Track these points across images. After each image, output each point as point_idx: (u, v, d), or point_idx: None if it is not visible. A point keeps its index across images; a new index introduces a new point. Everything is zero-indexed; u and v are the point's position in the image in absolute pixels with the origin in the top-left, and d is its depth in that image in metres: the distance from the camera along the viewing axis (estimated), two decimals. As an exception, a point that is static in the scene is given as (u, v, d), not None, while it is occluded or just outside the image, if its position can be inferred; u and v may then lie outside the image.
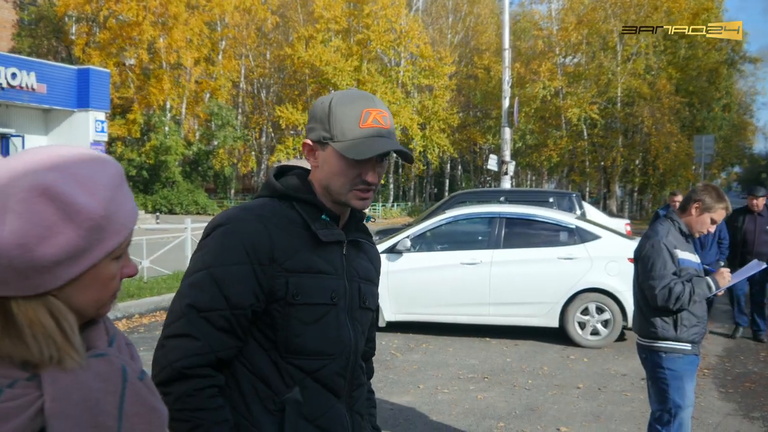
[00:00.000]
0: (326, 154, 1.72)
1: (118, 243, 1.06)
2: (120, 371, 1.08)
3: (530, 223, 8.97)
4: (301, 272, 1.68)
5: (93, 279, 1.06)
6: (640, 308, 4.05)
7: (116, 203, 1.05)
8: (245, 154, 44.82)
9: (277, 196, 1.78)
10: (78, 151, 1.06)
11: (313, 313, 1.70)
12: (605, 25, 37.78)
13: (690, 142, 36.11)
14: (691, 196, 4.00)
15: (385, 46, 40.37)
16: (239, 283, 1.63)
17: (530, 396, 6.52)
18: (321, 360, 1.71)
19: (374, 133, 1.69)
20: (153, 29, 34.58)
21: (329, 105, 1.72)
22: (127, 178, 13.74)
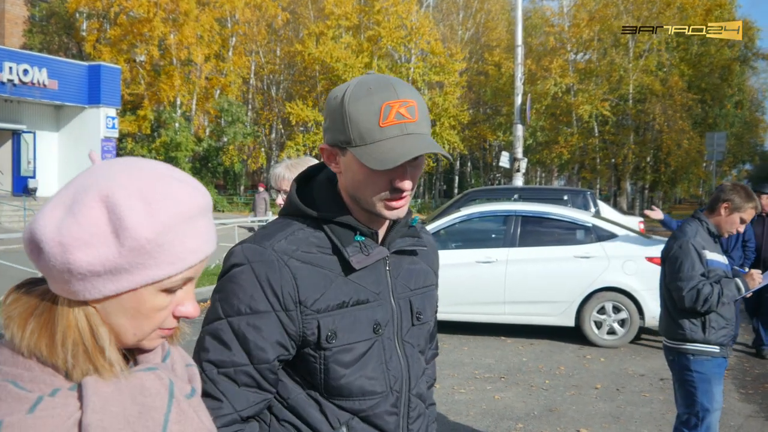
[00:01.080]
0: (347, 160, 1.46)
1: (167, 275, 0.98)
2: (167, 387, 1.03)
3: (546, 221, 8.89)
4: (335, 309, 1.48)
5: (132, 304, 0.99)
6: (668, 310, 3.98)
7: (176, 234, 0.97)
8: (255, 150, 44.83)
9: (301, 216, 1.55)
10: (168, 171, 1.02)
11: (353, 353, 1.50)
12: (617, 21, 37.55)
13: (702, 139, 35.91)
14: (719, 195, 3.91)
15: (396, 42, 40.26)
16: (262, 336, 1.44)
17: (548, 396, 6.45)
18: (368, 400, 1.52)
19: (399, 131, 1.40)
20: (164, 26, 34.59)
21: (341, 101, 1.44)
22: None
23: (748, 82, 53.73)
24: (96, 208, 0.94)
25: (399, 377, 1.58)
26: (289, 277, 1.44)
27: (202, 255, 1.02)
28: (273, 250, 1.46)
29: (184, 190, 1.00)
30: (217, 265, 13.39)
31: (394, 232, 1.59)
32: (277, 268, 1.44)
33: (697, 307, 3.75)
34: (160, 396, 1.02)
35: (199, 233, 1.01)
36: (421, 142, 1.41)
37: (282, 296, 1.43)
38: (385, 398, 1.55)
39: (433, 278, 1.74)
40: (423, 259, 1.71)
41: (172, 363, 1.12)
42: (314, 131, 40.01)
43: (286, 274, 1.44)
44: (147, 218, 0.95)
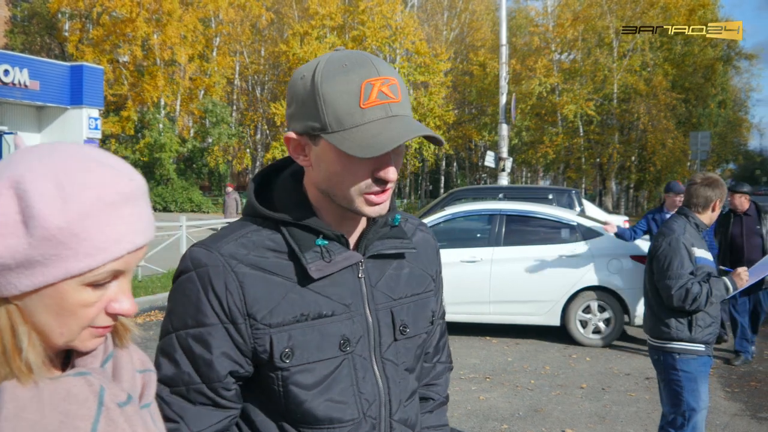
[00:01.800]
0: (320, 150, 1.26)
1: (87, 267, 0.88)
2: (97, 394, 0.93)
3: (531, 220, 8.84)
4: (291, 323, 1.28)
5: (54, 300, 0.90)
6: (653, 308, 3.92)
7: (95, 222, 0.88)
8: (240, 151, 44.65)
9: (259, 216, 1.35)
10: (92, 154, 0.92)
11: (316, 374, 1.30)
12: (601, 21, 37.68)
13: (686, 139, 36.09)
14: (709, 195, 3.83)
15: (381, 42, 40.21)
16: (210, 351, 1.27)
17: (533, 397, 6.40)
18: (337, 428, 1.33)
19: (383, 112, 1.21)
20: (147, 26, 34.41)
21: (312, 81, 1.23)
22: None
23: (731, 81, 54.06)
24: (5, 196, 0.86)
25: (375, 400, 1.37)
26: (235, 285, 1.26)
27: (129, 246, 0.91)
28: (219, 254, 1.28)
29: (106, 173, 0.90)
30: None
31: (371, 233, 1.39)
32: (221, 274, 1.27)
33: (685, 306, 3.70)
34: (88, 403, 0.92)
35: (124, 221, 0.91)
36: (410, 125, 1.23)
37: (228, 307, 1.26)
38: (357, 426, 1.35)
39: (428, 283, 1.52)
40: (414, 262, 1.49)
41: (115, 368, 1.02)
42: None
43: (232, 281, 1.26)
44: (58, 205, 0.86)
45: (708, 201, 3.83)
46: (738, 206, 7.58)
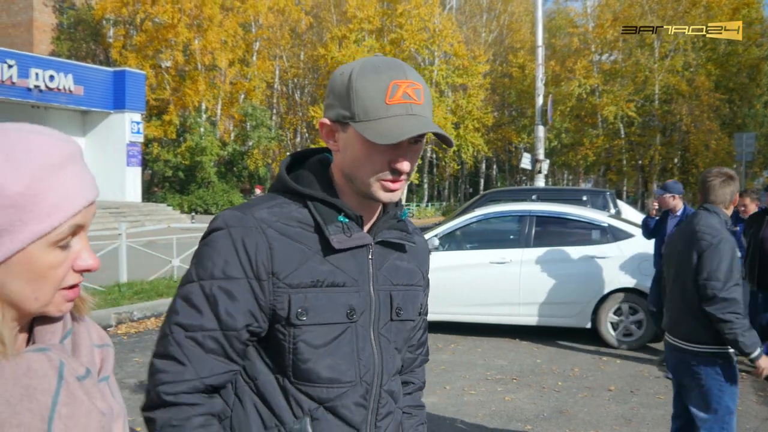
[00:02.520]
0: (348, 137, 1.44)
1: (50, 227, 0.95)
2: (56, 369, 0.99)
3: (561, 221, 8.79)
4: (308, 287, 1.44)
5: (24, 266, 0.95)
6: (693, 311, 3.67)
7: (48, 182, 0.94)
8: (280, 154, 45.02)
9: (289, 192, 1.52)
10: (24, 127, 0.99)
11: (324, 335, 1.46)
12: (642, 21, 37.16)
13: (730, 140, 35.37)
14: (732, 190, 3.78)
15: (419, 45, 40.26)
16: (233, 301, 1.40)
17: (559, 398, 6.36)
18: (336, 388, 1.48)
19: (404, 110, 1.39)
20: (188, 31, 34.93)
21: (349, 77, 1.42)
22: (163, 179, 13.84)
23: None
24: None
25: (370, 369, 1.53)
26: (264, 246, 1.42)
27: (82, 200, 0.99)
28: (253, 217, 1.44)
29: (45, 140, 0.97)
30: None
31: (382, 222, 1.56)
32: (254, 234, 1.42)
33: (719, 315, 3.50)
34: (48, 378, 0.98)
35: (72, 180, 0.98)
36: (424, 123, 1.40)
37: (255, 264, 1.41)
38: (353, 388, 1.50)
39: (420, 279, 1.68)
40: (411, 258, 1.66)
41: (74, 344, 1.07)
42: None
43: (263, 242, 1.42)
44: (10, 172, 0.92)
45: (732, 197, 3.77)
46: None
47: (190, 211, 32.98)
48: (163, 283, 11.31)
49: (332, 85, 1.47)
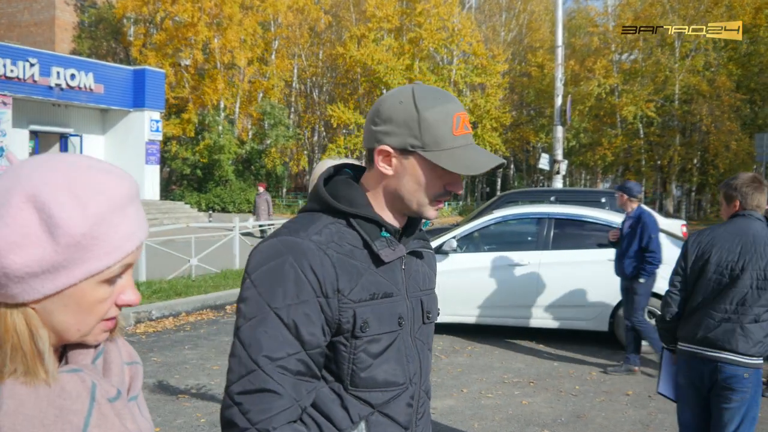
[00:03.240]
0: (409, 163, 1.54)
1: (105, 266, 0.98)
2: (89, 390, 1.01)
3: (580, 223, 8.75)
4: (367, 300, 1.53)
5: (73, 299, 0.99)
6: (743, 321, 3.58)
7: (109, 224, 0.98)
8: (297, 153, 45.14)
9: (329, 211, 1.59)
10: (87, 163, 1.02)
11: (381, 344, 1.55)
12: (663, 20, 36.89)
13: (751, 141, 34.99)
14: (732, 194, 3.70)
15: (438, 44, 40.19)
16: (312, 322, 1.46)
17: (577, 402, 6.34)
18: (390, 392, 1.57)
19: (465, 140, 1.55)
20: (208, 30, 35.09)
21: (416, 107, 1.52)
22: (181, 177, 13.95)
23: (800, 81, 52.20)
24: (25, 210, 0.93)
25: (416, 371, 1.64)
26: (329, 265, 1.48)
27: (137, 241, 1.02)
28: (310, 240, 1.49)
29: (110, 180, 1.00)
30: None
31: (409, 233, 1.67)
32: (317, 256, 1.47)
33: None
34: (81, 399, 1.00)
35: (130, 220, 1.01)
36: (489, 154, 1.57)
37: (323, 283, 1.46)
38: (404, 390, 1.60)
39: (435, 281, 1.81)
40: (427, 262, 1.77)
41: (106, 363, 1.10)
42: (356, 134, 40.11)
43: (326, 262, 1.48)
44: (79, 213, 0.94)
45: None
46: None
47: (208, 209, 33.14)
48: (182, 282, 11.38)
49: (390, 113, 1.55)
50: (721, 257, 3.60)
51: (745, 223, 3.63)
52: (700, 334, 3.63)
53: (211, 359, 7.55)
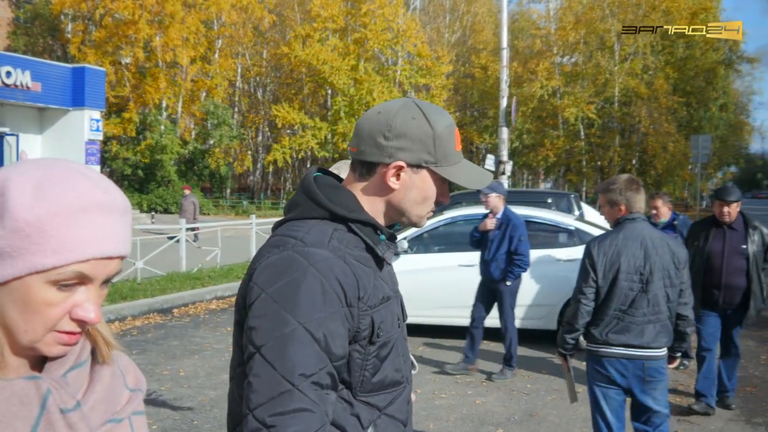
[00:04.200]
0: (420, 178, 1.58)
1: (52, 264, 0.93)
2: (41, 397, 0.97)
3: (529, 224, 8.82)
4: (380, 305, 1.54)
5: (20, 294, 0.94)
6: (670, 318, 3.89)
7: (66, 223, 0.93)
8: (241, 153, 44.68)
9: (331, 217, 1.56)
10: (77, 167, 0.99)
11: (388, 346, 1.57)
12: (603, 24, 37.73)
13: (687, 142, 36.08)
14: (617, 199, 3.88)
15: (383, 45, 40.25)
16: (340, 333, 1.43)
17: (529, 401, 6.42)
18: (394, 392, 1.60)
19: (461, 156, 1.63)
20: (149, 28, 34.42)
21: (429, 124, 1.55)
22: (122, 178, 13.71)
23: (732, 85, 54.09)
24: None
25: (409, 368, 1.69)
26: (350, 273, 1.47)
27: (95, 251, 0.96)
28: (329, 250, 1.48)
29: (83, 183, 0.97)
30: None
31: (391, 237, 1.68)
32: (339, 265, 1.46)
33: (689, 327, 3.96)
34: (30, 406, 0.96)
35: (93, 227, 0.96)
36: (480, 168, 1.67)
37: (347, 293, 1.45)
38: (404, 389, 1.64)
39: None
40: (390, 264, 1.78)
41: (91, 380, 1.06)
42: (300, 134, 39.89)
43: (348, 270, 1.47)
44: (32, 201, 0.92)
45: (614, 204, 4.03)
46: (724, 216, 5.93)
47: (150, 211, 32.55)
48: (127, 286, 11.14)
49: (404, 129, 1.55)
50: (630, 264, 3.77)
51: (638, 227, 3.82)
52: (627, 338, 3.80)
53: (160, 364, 7.40)
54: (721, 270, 5.95)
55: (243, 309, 1.49)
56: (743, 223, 6.00)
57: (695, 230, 6.27)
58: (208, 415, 5.86)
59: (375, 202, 1.61)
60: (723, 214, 5.91)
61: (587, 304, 3.83)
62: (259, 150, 47.29)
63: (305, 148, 39.68)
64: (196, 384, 6.73)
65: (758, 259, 5.93)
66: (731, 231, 5.97)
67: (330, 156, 40.40)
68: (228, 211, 38.18)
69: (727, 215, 5.89)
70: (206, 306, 10.87)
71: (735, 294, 5.97)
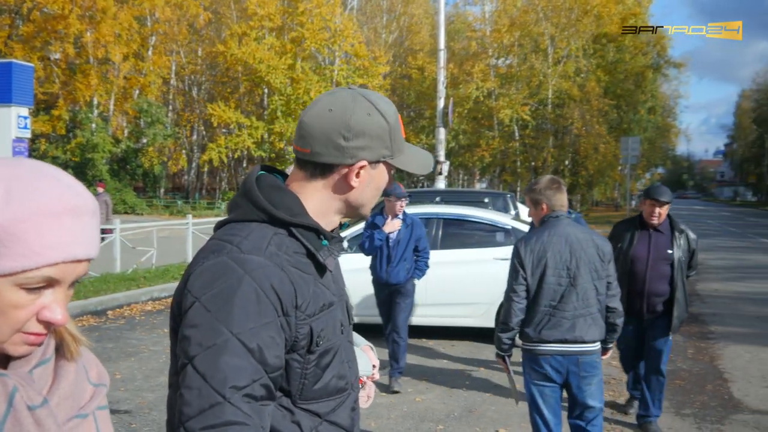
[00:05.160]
0: (377, 172, 1.56)
1: (20, 268, 0.92)
2: (8, 394, 0.96)
3: (467, 223, 8.98)
4: (319, 313, 1.47)
5: None
6: (599, 311, 3.97)
7: (35, 227, 0.92)
8: (176, 152, 43.98)
9: (270, 220, 1.49)
10: (47, 170, 0.97)
11: (330, 355, 1.51)
12: (537, 27, 38.42)
13: (617, 144, 37.06)
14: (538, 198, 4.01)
15: (320, 44, 40.15)
16: (276, 344, 1.37)
17: (468, 398, 6.51)
18: (337, 399, 1.54)
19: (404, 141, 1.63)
20: (80, 23, 33.62)
21: (384, 118, 1.53)
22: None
23: (660, 88, 55.71)
24: None
25: (354, 374, 1.64)
26: (287, 281, 1.41)
27: (64, 254, 0.95)
28: (265, 257, 1.41)
29: (54, 186, 0.95)
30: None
31: (338, 238, 1.61)
32: (276, 273, 1.40)
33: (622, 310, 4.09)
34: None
35: (63, 231, 0.95)
36: (422, 150, 1.68)
37: (283, 301, 1.39)
38: (348, 395, 1.59)
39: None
40: (337, 265, 1.71)
41: (56, 376, 1.05)
42: (236, 133, 39.46)
43: (285, 278, 1.41)
44: (2, 204, 0.90)
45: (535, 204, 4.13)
46: (653, 218, 5.48)
47: (81, 210, 31.74)
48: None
49: (362, 127, 1.51)
50: (557, 261, 3.88)
51: (562, 224, 3.94)
52: (559, 333, 3.90)
53: (94, 367, 7.23)
54: (644, 276, 5.51)
55: (178, 316, 1.42)
56: (669, 227, 5.58)
57: (618, 231, 5.79)
58: (146, 418, 5.76)
59: (330, 200, 1.57)
60: (653, 215, 5.44)
61: (519, 302, 3.92)
62: (194, 149, 46.62)
63: (241, 147, 39.28)
64: (134, 387, 6.61)
65: (683, 265, 5.54)
66: (657, 234, 5.54)
67: (267, 156, 40.09)
68: (162, 211, 37.52)
69: (657, 217, 5.43)
70: (142, 307, 10.67)
71: (657, 302, 5.55)
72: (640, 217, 5.62)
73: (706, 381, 7.16)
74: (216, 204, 43.02)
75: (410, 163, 1.60)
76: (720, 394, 6.75)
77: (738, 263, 18.03)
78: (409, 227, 6.93)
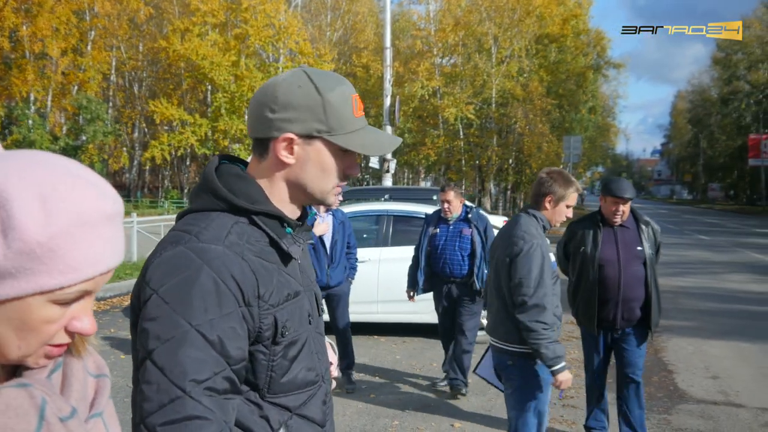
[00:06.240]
0: (314, 150, 1.48)
1: (58, 285, 0.87)
2: (38, 408, 0.90)
3: (417, 220, 9.01)
4: (284, 303, 1.44)
5: (18, 314, 0.87)
6: (508, 313, 3.71)
7: (74, 240, 0.86)
8: (117, 149, 43.11)
9: (230, 209, 1.45)
10: (76, 170, 0.91)
11: (297, 346, 1.47)
12: (481, 27, 38.79)
13: (560, 143, 37.68)
14: (540, 190, 3.76)
15: (264, 41, 39.78)
16: (237, 335, 1.34)
17: (422, 393, 6.55)
18: (307, 392, 1.51)
19: (362, 123, 1.53)
20: (15, 16, 32.62)
21: (317, 90, 1.47)
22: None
23: (600, 89, 56.82)
24: None
25: (325, 365, 1.61)
26: (248, 270, 1.37)
27: (103, 267, 0.91)
28: (225, 246, 1.37)
29: (90, 192, 0.89)
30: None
31: (304, 226, 1.57)
32: (236, 263, 1.36)
33: (528, 324, 3.56)
34: (27, 418, 0.89)
35: (101, 243, 0.90)
36: (387, 134, 1.59)
37: (244, 291, 1.35)
38: (319, 388, 1.55)
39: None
40: (305, 256, 1.68)
41: (65, 377, 1.00)
42: (179, 131, 38.84)
43: (246, 268, 1.37)
44: (41, 219, 0.84)
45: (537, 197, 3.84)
46: (615, 216, 4.78)
47: (18, 209, 30.90)
48: None
49: (289, 98, 1.47)
50: (492, 254, 3.96)
51: (515, 220, 3.87)
52: (488, 324, 3.99)
53: (39, 369, 7.05)
54: (618, 282, 4.77)
55: (137, 309, 1.37)
56: (634, 220, 4.91)
57: (576, 232, 5.01)
58: (95, 420, 5.64)
59: (276, 184, 1.52)
60: (616, 214, 4.76)
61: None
62: (135, 147, 45.75)
63: (185, 145, 38.66)
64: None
65: (654, 263, 4.87)
66: (623, 230, 4.85)
67: (210, 153, 39.59)
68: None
69: (620, 215, 4.77)
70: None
71: (634, 307, 4.82)
72: (600, 213, 4.92)
73: (652, 373, 7.34)
74: (159, 203, 42.31)
75: (357, 143, 1.50)
76: (665, 386, 6.94)
77: (678, 259, 18.53)
78: (341, 224, 6.69)
